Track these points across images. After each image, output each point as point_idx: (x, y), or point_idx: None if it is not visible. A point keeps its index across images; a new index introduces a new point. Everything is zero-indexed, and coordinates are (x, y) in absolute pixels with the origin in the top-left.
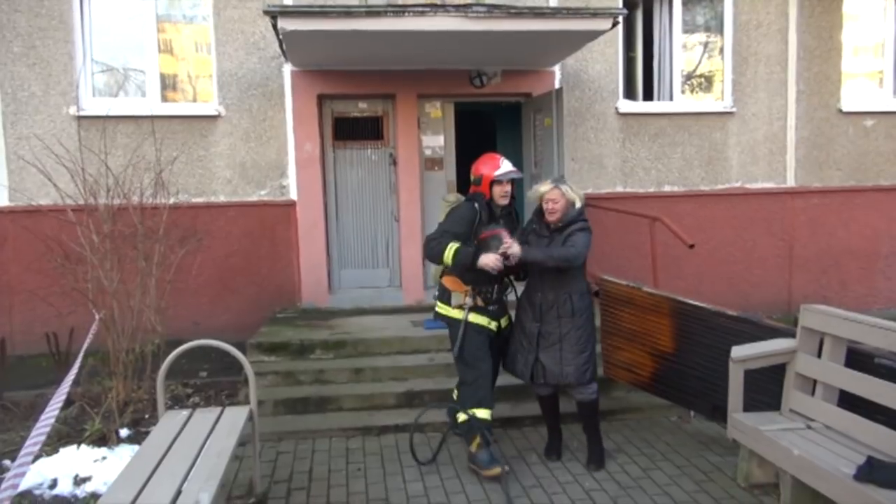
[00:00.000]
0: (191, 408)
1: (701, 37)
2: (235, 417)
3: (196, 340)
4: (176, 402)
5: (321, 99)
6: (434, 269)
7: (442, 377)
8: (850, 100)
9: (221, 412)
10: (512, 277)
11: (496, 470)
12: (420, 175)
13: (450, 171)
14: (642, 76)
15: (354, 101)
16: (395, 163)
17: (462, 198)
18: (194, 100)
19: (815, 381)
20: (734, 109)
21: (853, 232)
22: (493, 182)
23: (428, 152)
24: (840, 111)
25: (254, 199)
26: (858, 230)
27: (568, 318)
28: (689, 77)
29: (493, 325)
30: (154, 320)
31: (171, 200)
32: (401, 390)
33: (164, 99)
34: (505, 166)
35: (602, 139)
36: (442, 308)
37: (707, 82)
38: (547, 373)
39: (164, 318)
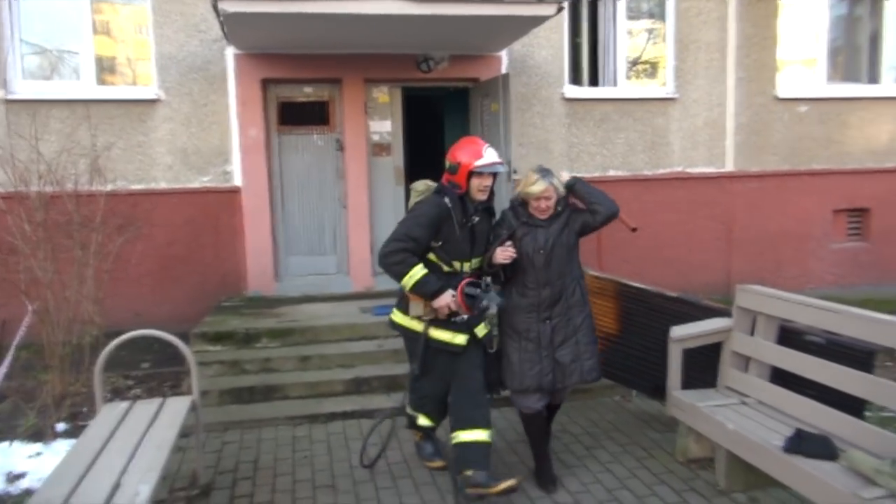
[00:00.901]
0: (131, 400)
1: (645, 23)
2: (177, 408)
3: (136, 331)
4: (116, 394)
5: (265, 83)
6: None
7: (390, 363)
8: (786, 86)
9: (162, 403)
10: (489, 279)
11: (438, 463)
12: (367, 161)
13: (397, 157)
14: (588, 62)
15: (300, 86)
16: (342, 148)
17: (432, 186)
18: (133, 83)
19: (748, 359)
20: (676, 95)
21: (788, 215)
22: (473, 173)
23: (375, 138)
24: (776, 97)
25: (196, 185)
26: (793, 213)
27: (579, 307)
28: (634, 63)
29: (458, 339)
30: (91, 311)
31: (109, 187)
32: (348, 377)
33: (101, 82)
34: (488, 155)
35: (548, 124)
36: (397, 317)
37: (651, 68)
38: (566, 372)
39: (103, 309)
